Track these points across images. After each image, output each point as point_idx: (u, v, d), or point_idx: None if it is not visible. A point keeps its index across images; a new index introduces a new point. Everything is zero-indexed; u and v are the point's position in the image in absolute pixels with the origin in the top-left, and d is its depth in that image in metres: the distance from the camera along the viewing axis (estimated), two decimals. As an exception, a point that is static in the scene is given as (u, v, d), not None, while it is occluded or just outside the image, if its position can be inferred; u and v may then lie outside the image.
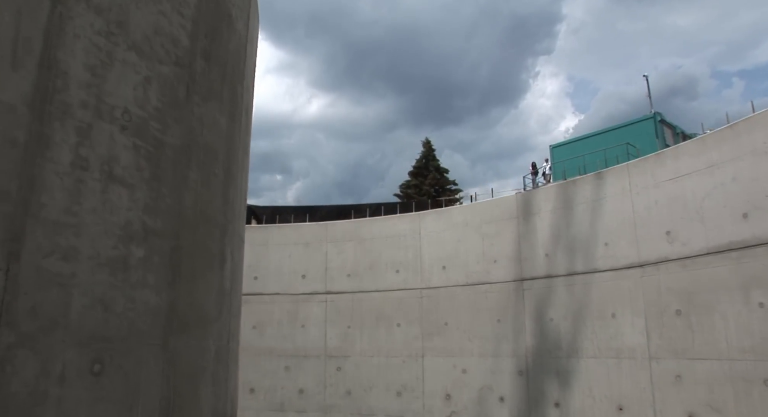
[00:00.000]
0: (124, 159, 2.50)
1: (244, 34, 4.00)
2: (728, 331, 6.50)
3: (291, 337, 10.98)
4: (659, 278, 7.33)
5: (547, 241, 8.89)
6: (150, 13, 2.75)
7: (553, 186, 9.13)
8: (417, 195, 32.37)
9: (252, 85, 4.47)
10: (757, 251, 6.24)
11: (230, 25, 3.70)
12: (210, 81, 3.33)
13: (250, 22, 4.19)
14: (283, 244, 11.44)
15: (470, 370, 9.50)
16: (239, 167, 3.95)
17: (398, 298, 10.49)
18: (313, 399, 10.64)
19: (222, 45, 3.55)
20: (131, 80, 2.60)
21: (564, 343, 8.44)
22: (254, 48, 4.51)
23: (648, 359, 7.35)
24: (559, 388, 8.41)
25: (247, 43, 4.11)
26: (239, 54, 3.91)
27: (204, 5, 3.25)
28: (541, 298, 8.84)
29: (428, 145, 33.55)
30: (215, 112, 3.42)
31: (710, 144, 6.89)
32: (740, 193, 6.46)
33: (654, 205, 7.48)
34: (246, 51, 4.06)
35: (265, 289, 11.27)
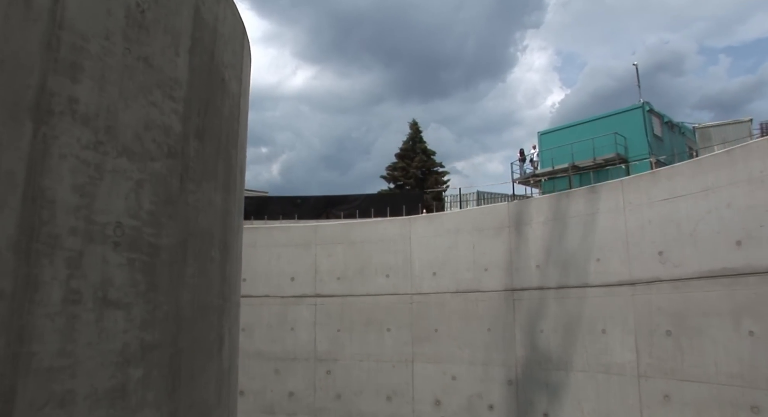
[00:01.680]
0: (118, 279, 2.36)
1: (237, 91, 3.82)
2: (717, 356, 6.56)
3: (280, 340, 10.95)
4: (650, 298, 7.35)
5: (538, 253, 8.87)
6: (140, 108, 2.58)
7: (546, 197, 9.06)
8: (404, 177, 32.30)
9: (245, 133, 4.31)
10: (750, 280, 6.26)
11: (224, 90, 3.52)
12: (204, 161, 3.17)
13: (243, 73, 4.00)
14: (272, 245, 11.31)
15: (460, 378, 9.55)
16: (235, 234, 3.82)
17: (388, 302, 10.46)
18: (303, 402, 10.67)
19: (216, 115, 3.39)
20: (123, 189, 2.44)
21: (554, 355, 8.49)
22: (247, 94, 4.33)
23: (637, 377, 7.42)
24: (547, 400, 8.49)
25: (241, 97, 3.93)
26: (233, 115, 3.75)
27: (196, 80, 3.07)
28: (531, 309, 8.86)
29: (415, 127, 33.36)
30: (210, 193, 3.27)
31: (706, 167, 6.84)
32: (735, 221, 6.45)
33: (647, 224, 7.46)
34: (240, 107, 3.89)
35: (254, 292, 11.18)
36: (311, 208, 16.79)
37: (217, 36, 3.30)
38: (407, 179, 32.30)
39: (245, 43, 3.91)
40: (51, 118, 2.10)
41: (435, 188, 33.32)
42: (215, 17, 3.27)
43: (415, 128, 33.42)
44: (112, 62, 2.43)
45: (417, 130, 33.49)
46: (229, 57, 3.56)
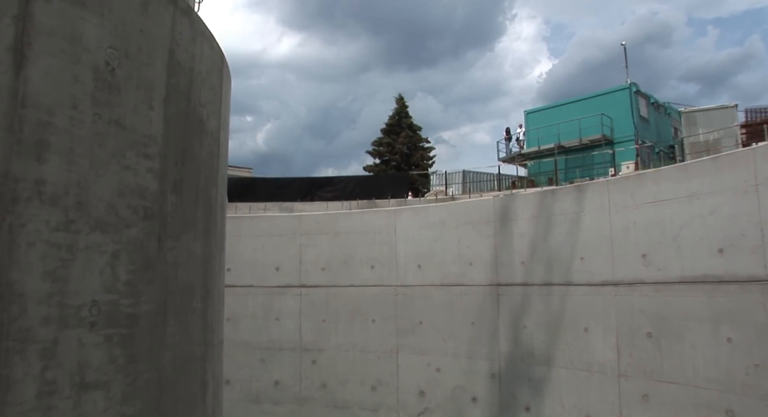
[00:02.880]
0: (95, 359, 2.29)
1: (216, 126, 3.70)
2: (696, 360, 6.68)
3: (266, 330, 10.97)
4: (633, 299, 7.43)
5: (523, 249, 8.90)
6: (113, 175, 2.47)
7: (532, 194, 9.04)
8: (389, 153, 32.13)
9: (225, 161, 4.19)
10: (730, 288, 6.33)
11: (202, 130, 3.40)
12: (183, 212, 3.08)
13: (223, 104, 3.87)
14: (257, 235, 11.24)
15: (444, 370, 9.67)
16: (216, 276, 3.76)
17: (373, 294, 10.49)
18: (289, 391, 10.77)
19: (194, 161, 3.28)
20: (97, 265, 2.35)
21: (537, 351, 8.60)
22: (227, 121, 4.20)
23: (617, 376, 7.55)
24: (530, 394, 8.64)
25: (221, 129, 3.81)
26: (212, 153, 3.63)
27: (172, 130, 2.95)
28: (515, 305, 8.93)
29: (401, 102, 33.04)
30: (190, 243, 3.19)
31: (692, 173, 6.84)
32: (718, 228, 6.48)
33: (632, 226, 7.48)
34: (219, 141, 3.77)
35: (239, 282, 11.13)
36: (296, 191, 16.64)
37: (194, 76, 3.17)
38: (393, 155, 32.15)
39: (224, 72, 3.76)
40: (16, 206, 2.00)
41: (421, 164, 33.23)
42: (191, 57, 3.12)
43: (402, 103, 33.11)
44: (81, 132, 2.31)
45: (403, 105, 33.18)
46: (207, 94, 3.42)
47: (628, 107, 22.33)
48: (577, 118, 22.38)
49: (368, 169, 33.72)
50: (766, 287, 5.99)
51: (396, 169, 31.90)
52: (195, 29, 3.12)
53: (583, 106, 23.41)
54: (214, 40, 3.50)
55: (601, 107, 22.59)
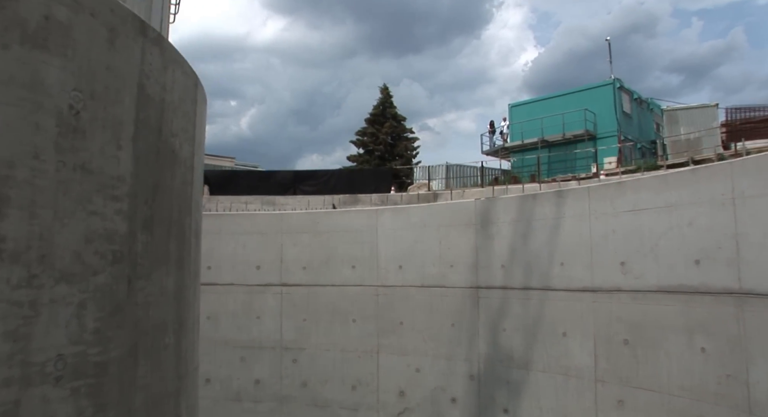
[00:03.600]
0: (62, 414, 2.25)
1: (190, 152, 3.62)
2: (670, 368, 6.78)
3: (246, 328, 10.93)
4: (611, 306, 7.50)
5: (504, 253, 8.93)
6: (79, 222, 2.40)
7: (513, 198, 9.05)
8: (373, 143, 31.99)
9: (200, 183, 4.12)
10: (705, 299, 6.41)
11: (175, 161, 3.33)
12: (154, 249, 3.02)
13: (197, 128, 3.79)
14: (237, 233, 11.15)
15: (424, 370, 9.73)
16: (190, 305, 3.71)
17: (354, 293, 10.48)
18: (270, 389, 10.77)
19: (166, 194, 3.21)
20: (62, 318, 2.29)
21: (515, 354, 8.68)
22: (202, 144, 4.12)
23: (594, 381, 7.65)
24: (508, 396, 8.73)
25: (195, 155, 3.74)
26: (186, 182, 3.56)
27: (142, 167, 2.88)
28: (495, 308, 8.98)
29: (386, 92, 32.83)
30: (162, 279, 3.13)
31: (671, 183, 6.88)
32: (695, 240, 6.54)
33: (611, 234, 7.54)
34: (194, 168, 3.70)
35: (219, 280, 11.07)
36: (278, 184, 16.52)
37: (166, 106, 3.09)
38: (377, 145, 32.01)
39: (198, 96, 3.68)
40: (-26, 268, 1.94)
41: (405, 154, 33.16)
42: (162, 88, 3.04)
43: (386, 93, 32.88)
44: (44, 183, 2.24)
45: (388, 94, 32.95)
46: (180, 122, 3.35)
47: (611, 103, 22.43)
48: (560, 112, 22.44)
49: (352, 159, 33.58)
50: (739, 300, 6.07)
51: (380, 159, 31.80)
52: (166, 58, 3.03)
53: (566, 101, 23.47)
54: (186, 64, 3.41)
55: (585, 102, 22.67)
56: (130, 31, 2.74)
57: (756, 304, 5.91)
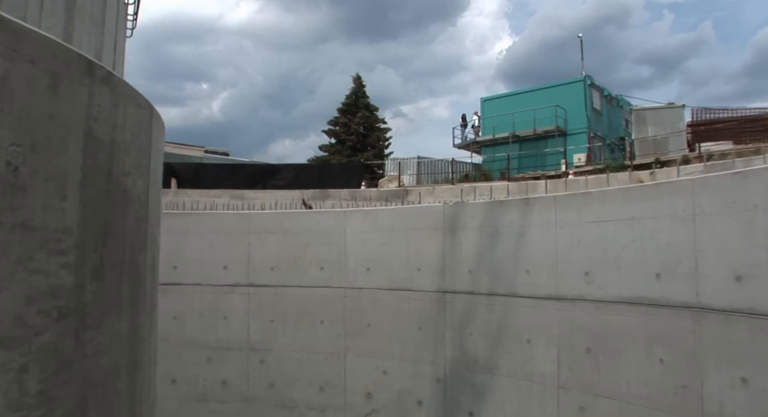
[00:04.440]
0: (3, 483, 2.17)
1: (145, 188, 3.52)
2: (630, 377, 6.93)
3: (213, 329, 10.83)
4: (574, 315, 7.62)
5: (471, 258, 8.98)
6: (19, 283, 2.33)
7: (481, 204, 9.08)
8: (345, 133, 31.78)
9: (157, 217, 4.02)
10: (664, 312, 6.54)
11: (127, 200, 3.23)
12: (105, 296, 2.94)
13: (153, 158, 3.69)
14: (204, 232, 10.99)
15: (391, 372, 9.78)
16: (147, 344, 3.63)
17: (322, 295, 10.45)
18: (236, 390, 10.71)
19: (118, 236, 3.12)
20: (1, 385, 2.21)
21: (481, 358, 8.77)
22: (158, 178, 4.02)
23: (557, 387, 7.78)
24: (473, 400, 8.84)
25: (150, 188, 3.64)
26: (140, 218, 3.47)
27: (90, 214, 2.79)
28: (462, 312, 9.05)
29: (359, 82, 32.59)
30: (114, 324, 3.06)
31: (635, 196, 6.97)
32: (656, 253, 6.66)
33: (576, 244, 7.62)
34: (149, 203, 3.60)
35: (185, 280, 10.92)
36: (247, 178, 16.30)
37: (116, 146, 2.98)
38: (349, 135, 31.81)
39: (154, 125, 3.57)
40: None
41: (377, 145, 33.05)
42: (113, 127, 2.93)
43: (359, 82, 32.61)
44: (-20, 247, 2.14)
45: (360, 84, 32.69)
46: (134, 158, 3.24)
47: (581, 99, 22.65)
48: (531, 108, 22.58)
49: (324, 148, 33.35)
50: (696, 314, 6.22)
51: (351, 149, 31.65)
52: (117, 95, 2.92)
53: (538, 96, 23.61)
54: (140, 97, 3.30)
55: (556, 98, 22.83)
56: (75, 73, 2.62)
57: (712, 319, 6.05)
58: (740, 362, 5.79)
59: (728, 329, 5.89)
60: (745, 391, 5.76)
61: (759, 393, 5.64)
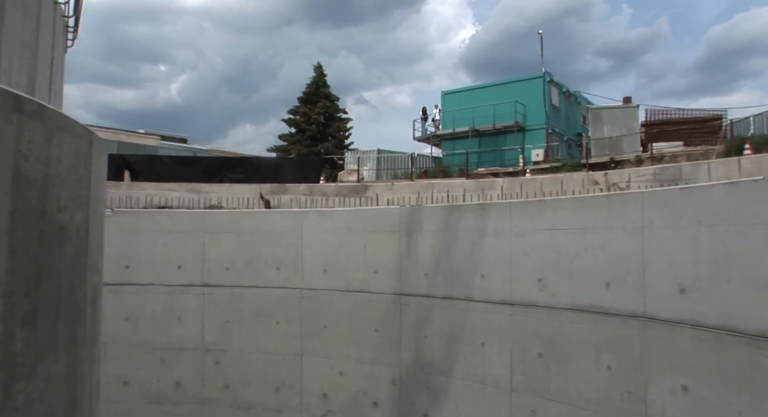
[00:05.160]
0: None
1: (84, 219, 3.39)
2: (579, 382, 7.10)
3: (166, 330, 10.62)
4: (527, 320, 7.75)
5: (427, 261, 9.02)
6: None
7: (438, 208, 9.11)
8: (305, 123, 31.42)
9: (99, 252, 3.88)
10: (613, 320, 6.71)
11: (64, 237, 3.11)
12: (38, 342, 2.83)
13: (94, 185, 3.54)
14: (157, 231, 10.72)
15: (347, 374, 9.79)
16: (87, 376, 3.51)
17: (278, 296, 10.36)
18: (191, 392, 10.56)
19: (54, 276, 3.00)
20: None
21: (436, 361, 8.85)
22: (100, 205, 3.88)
23: (509, 391, 7.92)
24: (428, 401, 8.93)
25: (90, 217, 3.50)
26: (79, 252, 3.33)
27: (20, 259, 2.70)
28: (418, 315, 9.10)
29: (320, 71, 32.18)
30: (49, 369, 2.95)
31: (588, 205, 7.10)
32: (606, 263, 6.81)
33: (530, 250, 7.73)
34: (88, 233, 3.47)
35: (138, 280, 10.65)
36: (204, 171, 15.95)
37: (50, 182, 2.84)
38: (309, 125, 31.46)
39: (94, 150, 3.41)
40: None
41: (338, 135, 32.82)
42: (46, 162, 2.79)
43: (320, 72, 32.18)
44: None
45: (321, 73, 32.28)
46: (71, 190, 3.10)
47: (540, 96, 22.95)
48: (491, 103, 22.76)
49: (283, 138, 32.93)
50: (643, 323, 6.40)
51: (311, 139, 31.34)
52: (50, 128, 2.78)
53: (498, 92, 23.81)
54: (77, 125, 3.15)
55: (515, 94, 23.08)
56: (0, 112, 2.48)
57: (657, 328, 6.24)
58: (682, 371, 6.00)
59: (672, 339, 6.09)
60: (685, 398, 5.98)
61: (698, 400, 5.86)
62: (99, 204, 3.63)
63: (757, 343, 5.22)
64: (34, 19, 3.38)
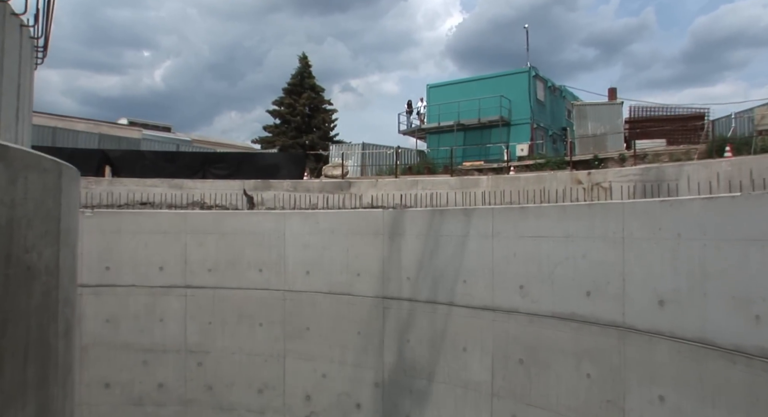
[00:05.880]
0: None
1: (54, 255, 3.34)
2: (559, 389, 7.17)
3: (149, 331, 10.55)
4: (509, 326, 7.79)
5: (410, 265, 9.02)
6: None
7: (420, 212, 9.09)
8: (290, 114, 31.16)
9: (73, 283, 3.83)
10: (593, 329, 6.77)
11: (32, 278, 3.06)
12: (5, 391, 2.77)
13: (64, 221, 3.48)
14: (138, 232, 10.60)
15: (330, 376, 9.81)
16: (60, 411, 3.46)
17: (260, 297, 10.33)
18: (174, 393, 10.53)
19: (21, 319, 2.94)
20: None
21: (418, 365, 8.89)
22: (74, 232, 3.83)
23: (491, 396, 7.98)
24: (411, 404, 8.98)
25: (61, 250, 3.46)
26: (49, 289, 3.29)
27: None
28: (400, 319, 9.11)
29: (305, 62, 31.89)
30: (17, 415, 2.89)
31: (570, 214, 7.12)
32: (587, 272, 6.85)
33: (512, 257, 7.75)
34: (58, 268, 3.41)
35: (119, 281, 10.55)
36: (186, 166, 15.76)
37: (16, 224, 2.77)
38: (294, 116, 31.19)
39: (64, 185, 3.33)
40: None
41: (323, 127, 32.60)
42: (11, 205, 2.72)
43: (305, 63, 31.90)
44: None
45: (306, 64, 31.99)
46: (39, 228, 3.04)
47: (526, 90, 22.93)
48: (477, 97, 22.72)
49: (268, 129, 32.67)
50: (622, 333, 6.46)
51: (296, 131, 31.11)
52: (14, 168, 2.70)
53: (483, 86, 23.75)
54: (44, 160, 3.07)
55: (501, 88, 23.03)
56: (-38, 160, 2.41)
57: (636, 339, 6.30)
58: (659, 381, 6.06)
59: (650, 350, 6.15)
60: (662, 408, 6.06)
61: (674, 410, 5.93)
62: (70, 234, 3.56)
63: (733, 357, 5.28)
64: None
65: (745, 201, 5.26)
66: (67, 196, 3.46)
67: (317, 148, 27.68)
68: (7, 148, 2.66)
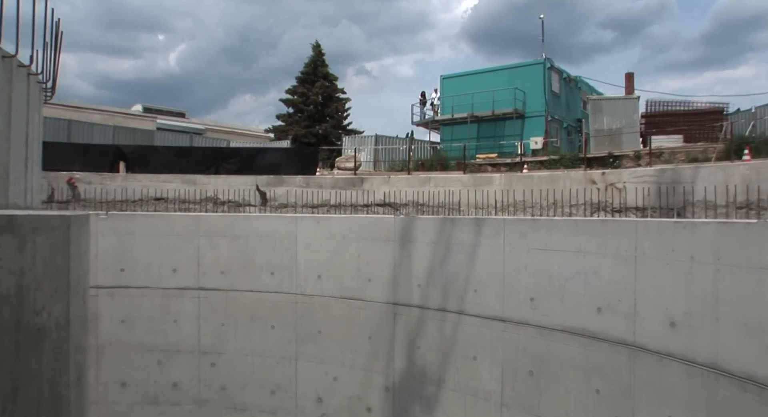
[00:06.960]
0: None
1: (65, 308, 3.38)
2: (568, 403, 7.18)
3: (162, 332, 10.71)
4: (519, 338, 7.79)
5: (421, 272, 9.03)
6: None
7: (432, 220, 9.06)
8: (303, 104, 31.06)
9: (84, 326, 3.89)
10: (603, 345, 6.75)
11: (43, 336, 3.10)
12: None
13: (73, 271, 3.52)
14: (152, 234, 10.70)
15: (341, 379, 9.91)
16: None
17: (273, 300, 10.41)
18: (188, 393, 10.71)
19: (33, 378, 3.00)
20: None
21: (428, 371, 8.94)
22: (83, 280, 3.86)
23: (500, 405, 8.02)
24: (421, 410, 9.05)
25: (72, 300, 3.50)
26: (59, 343, 3.33)
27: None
28: (411, 326, 9.15)
29: (318, 50, 31.63)
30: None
31: (581, 229, 7.06)
32: (599, 288, 6.81)
33: (523, 269, 7.73)
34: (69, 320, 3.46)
35: (133, 283, 10.69)
36: (199, 161, 15.84)
37: (24, 289, 2.81)
38: (307, 105, 31.10)
39: (72, 235, 3.36)
40: None
41: (336, 116, 32.49)
42: (19, 272, 2.76)
43: (318, 51, 31.65)
44: None
45: (320, 52, 31.73)
46: (49, 286, 3.08)
47: (541, 82, 22.64)
48: (491, 89, 22.48)
49: (281, 118, 32.63)
50: (632, 351, 6.43)
51: (309, 120, 31.03)
52: (22, 236, 2.72)
53: (498, 77, 23.48)
54: (52, 218, 3.09)
55: (515, 80, 22.77)
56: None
57: (646, 358, 6.27)
58: (669, 402, 6.04)
59: (660, 370, 6.12)
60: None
61: (685, 432, 5.92)
62: (81, 282, 3.60)
63: (744, 385, 5.24)
64: (5, 103, 3.27)
65: (761, 229, 5.17)
66: (77, 244, 3.48)
67: (330, 137, 27.63)
68: (15, 218, 2.68)
